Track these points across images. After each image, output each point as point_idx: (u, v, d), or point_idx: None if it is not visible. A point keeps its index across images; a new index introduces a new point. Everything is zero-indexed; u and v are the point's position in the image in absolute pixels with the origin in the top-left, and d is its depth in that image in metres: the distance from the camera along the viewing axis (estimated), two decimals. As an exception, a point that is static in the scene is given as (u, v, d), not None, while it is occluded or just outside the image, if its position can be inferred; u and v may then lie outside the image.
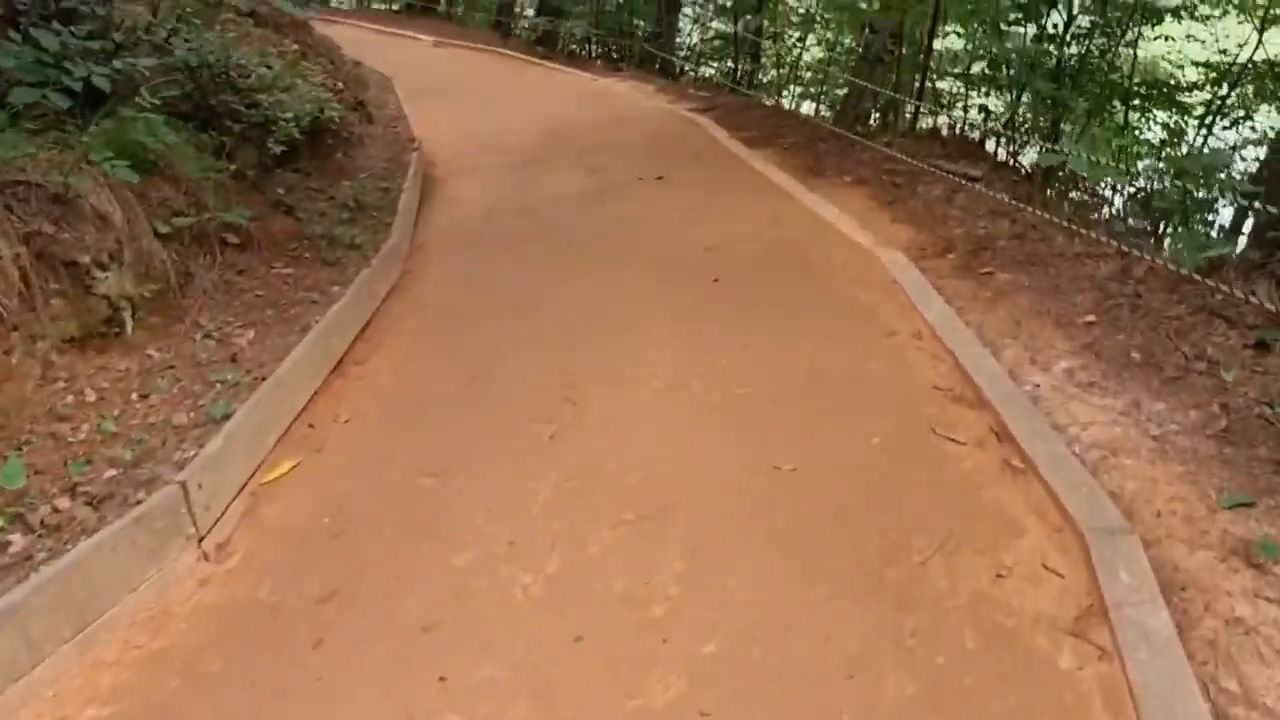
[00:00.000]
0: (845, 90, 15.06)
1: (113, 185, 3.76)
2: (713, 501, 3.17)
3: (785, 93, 14.89)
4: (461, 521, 3.11)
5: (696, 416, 3.76)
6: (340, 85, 8.00)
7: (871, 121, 13.76)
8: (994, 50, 8.13)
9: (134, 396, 3.42)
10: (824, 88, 14.39)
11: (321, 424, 3.81)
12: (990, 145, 10.39)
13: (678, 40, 15.59)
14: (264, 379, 3.67)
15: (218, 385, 3.60)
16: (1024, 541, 2.93)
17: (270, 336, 4.13)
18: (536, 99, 10.96)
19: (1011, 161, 8.60)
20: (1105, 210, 8.77)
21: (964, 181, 7.04)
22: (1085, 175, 5.97)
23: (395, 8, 20.49)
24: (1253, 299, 4.09)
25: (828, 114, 16.10)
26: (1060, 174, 7.80)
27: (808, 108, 15.25)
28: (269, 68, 6.12)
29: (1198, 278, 4.31)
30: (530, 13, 17.96)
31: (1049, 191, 7.68)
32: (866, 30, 13.45)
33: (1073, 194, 8.24)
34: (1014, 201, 5.95)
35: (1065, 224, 5.40)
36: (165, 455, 3.10)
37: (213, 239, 4.55)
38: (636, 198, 6.91)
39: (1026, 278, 4.99)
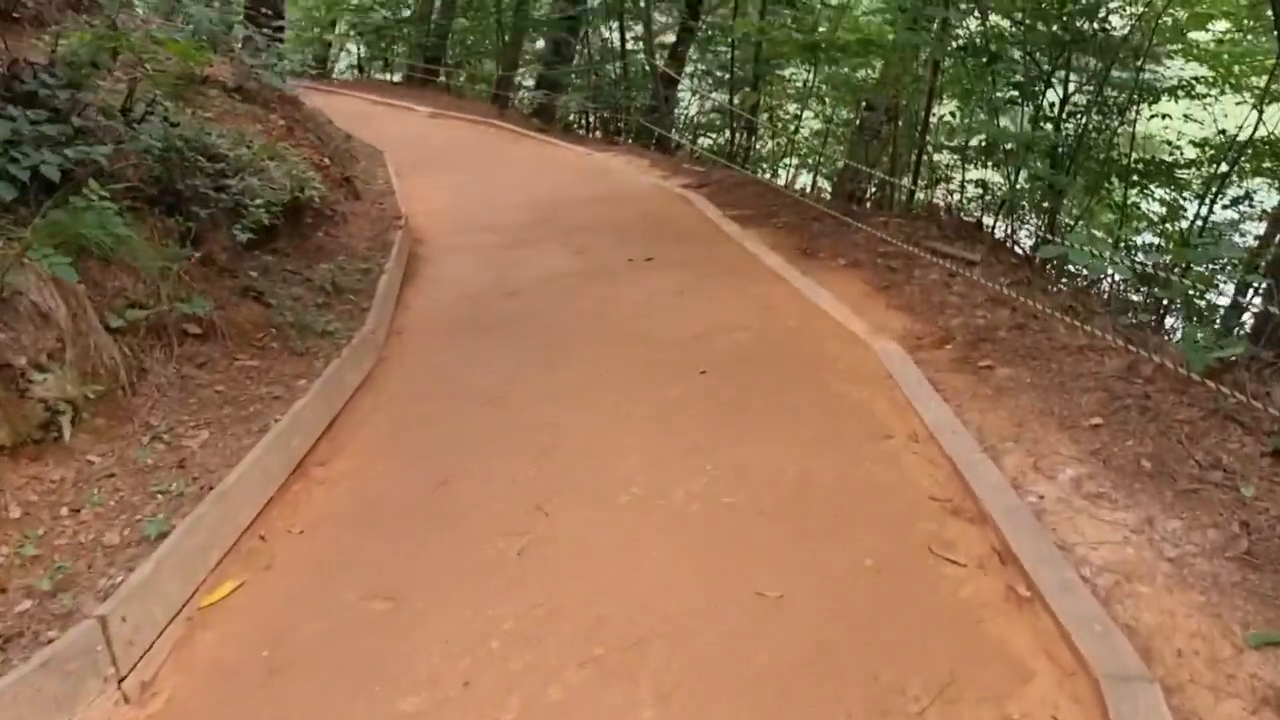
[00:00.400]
0: (842, 164, 15.13)
1: (58, 279, 3.55)
2: (690, 634, 2.89)
3: (783, 164, 14.88)
4: (414, 657, 2.83)
5: (676, 531, 3.49)
6: (327, 161, 7.86)
7: (868, 197, 13.75)
8: (990, 133, 8.00)
9: (64, 511, 3.16)
10: (821, 159, 14.37)
11: (274, 535, 3.54)
12: (989, 220, 10.28)
13: (677, 112, 15.64)
14: (212, 488, 3.41)
15: (159, 497, 3.35)
16: (1033, 688, 2.65)
17: (225, 438, 3.88)
18: (529, 174, 10.87)
19: (1010, 242, 8.44)
20: (1105, 284, 8.61)
21: (961, 267, 6.87)
22: (1086, 267, 5.76)
23: (395, 79, 20.65)
24: (1270, 406, 3.86)
25: (825, 185, 16.17)
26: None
27: (805, 179, 15.26)
28: (248, 147, 5.97)
29: (1209, 383, 4.07)
30: (530, 83, 18.05)
31: (1048, 267, 7.51)
32: (863, 105, 13.48)
33: (1071, 269, 8.06)
34: (1012, 292, 5.75)
35: (1066, 317, 5.19)
36: (89, 582, 2.83)
37: (171, 330, 4.32)
38: (624, 280, 6.71)
39: (1028, 373, 4.76)
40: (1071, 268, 8.17)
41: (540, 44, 19.10)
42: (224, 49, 8.70)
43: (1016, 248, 8.72)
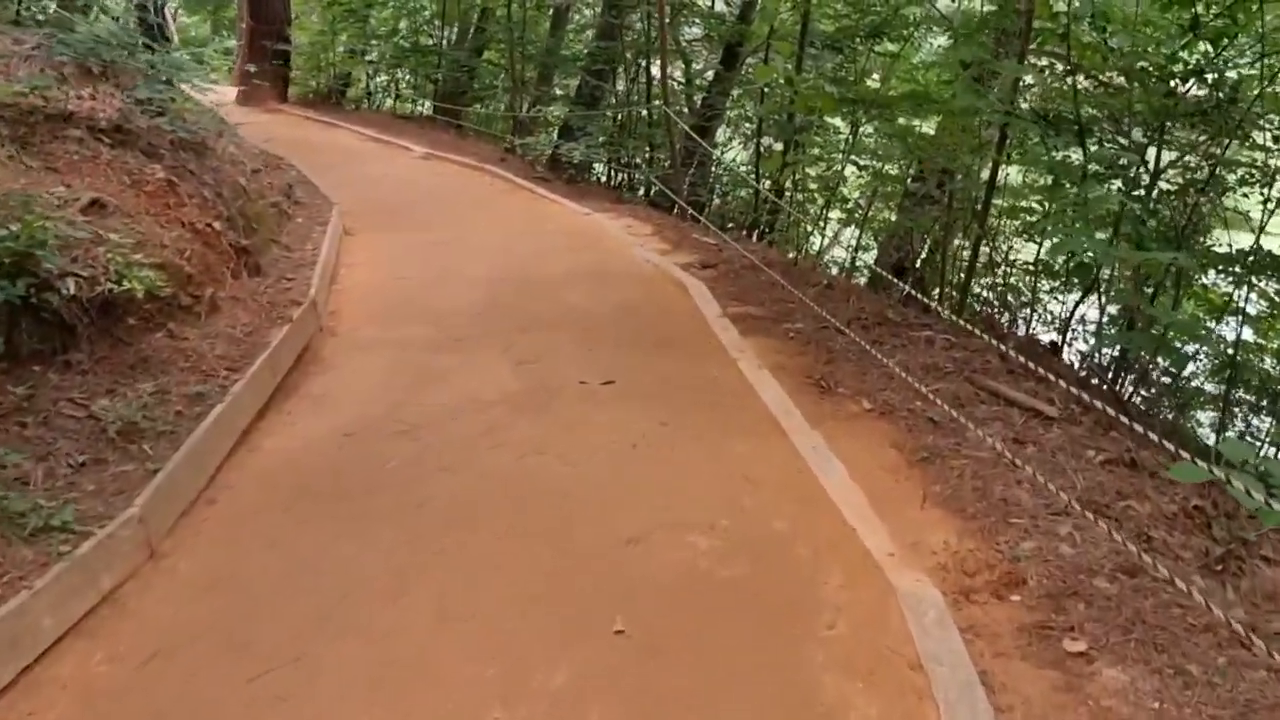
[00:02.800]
0: (887, 233, 13.23)
1: None
2: None
3: (819, 228, 13.03)
4: None
5: None
6: (214, 227, 6.16)
7: (914, 267, 11.84)
8: (1080, 250, 6.10)
9: None
10: (863, 223, 12.50)
11: None
12: (1060, 336, 8.39)
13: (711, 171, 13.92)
14: None
15: None
16: None
17: None
18: (508, 237, 9.12)
19: (1097, 378, 6.52)
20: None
21: (1032, 418, 4.98)
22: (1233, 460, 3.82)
23: (421, 110, 19.09)
24: None
25: (866, 259, 14.27)
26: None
27: (849, 235, 13.35)
28: (19, 221, 4.25)
29: None
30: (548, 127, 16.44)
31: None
32: (913, 169, 11.63)
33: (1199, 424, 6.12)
34: (1120, 488, 3.86)
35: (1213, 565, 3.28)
36: None
37: None
38: (565, 419, 4.90)
39: (1152, 682, 2.85)
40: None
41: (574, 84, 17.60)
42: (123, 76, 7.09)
43: (1107, 385, 6.83)
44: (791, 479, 4.29)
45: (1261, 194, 7.89)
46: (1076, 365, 7.96)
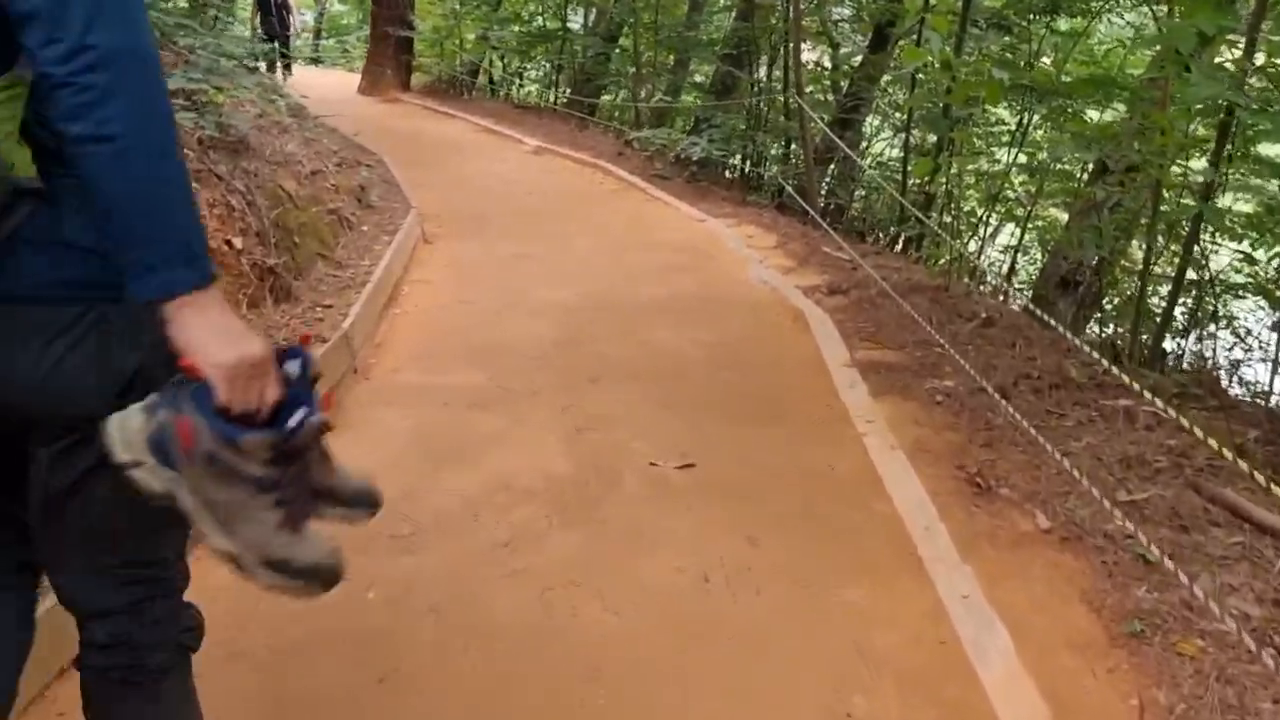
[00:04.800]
0: (1056, 241, 11.35)
1: None
2: None
3: (979, 234, 11.28)
4: None
5: None
6: (231, 242, 5.14)
7: (1085, 283, 10.00)
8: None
9: None
10: (1024, 226, 10.71)
11: None
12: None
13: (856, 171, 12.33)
14: None
15: None
16: None
17: None
18: (604, 248, 7.89)
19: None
20: None
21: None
22: None
23: (548, 100, 18.08)
24: None
25: (1028, 269, 12.41)
26: None
27: (1006, 235, 11.55)
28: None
29: None
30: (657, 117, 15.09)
31: None
32: (1090, 164, 9.79)
33: None
34: None
35: None
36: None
37: None
38: (620, 525, 3.61)
39: None
40: None
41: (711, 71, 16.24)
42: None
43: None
44: (930, 661, 2.87)
45: None
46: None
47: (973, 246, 10.79)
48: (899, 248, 10.40)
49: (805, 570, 3.33)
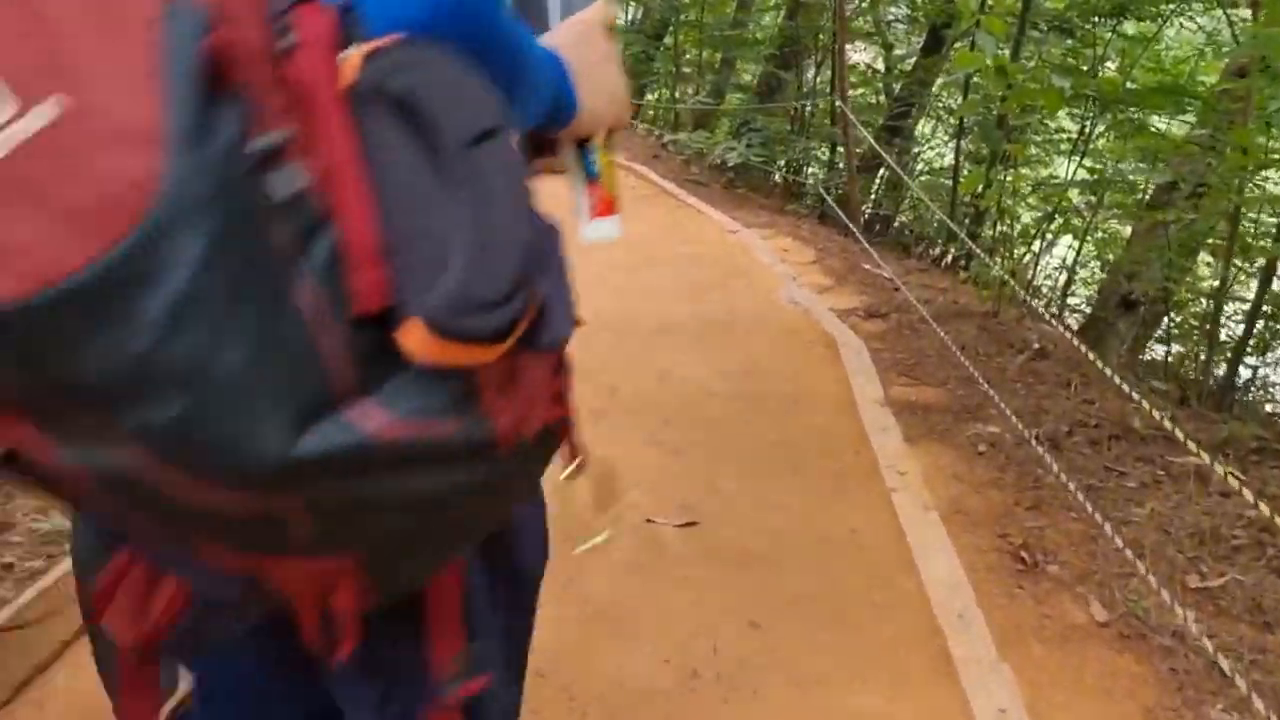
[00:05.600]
0: (1117, 258, 10.63)
1: None
2: None
3: (1034, 248, 10.61)
4: None
5: None
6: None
7: (1143, 301, 9.30)
8: None
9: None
10: (1082, 238, 9.99)
11: None
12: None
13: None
14: None
15: None
16: None
17: None
18: (619, 262, 7.37)
19: None
20: None
21: None
22: None
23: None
24: None
25: (1084, 283, 11.69)
26: None
27: (1063, 249, 10.83)
28: None
29: None
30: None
31: None
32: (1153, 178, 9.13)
33: None
34: None
35: None
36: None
37: None
38: (604, 595, 3.13)
39: None
40: None
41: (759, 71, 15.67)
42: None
43: None
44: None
45: None
46: None
47: (1025, 261, 10.13)
48: (948, 259, 9.81)
49: (813, 667, 2.83)
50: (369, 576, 0.76)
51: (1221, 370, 6.33)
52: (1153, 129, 9.00)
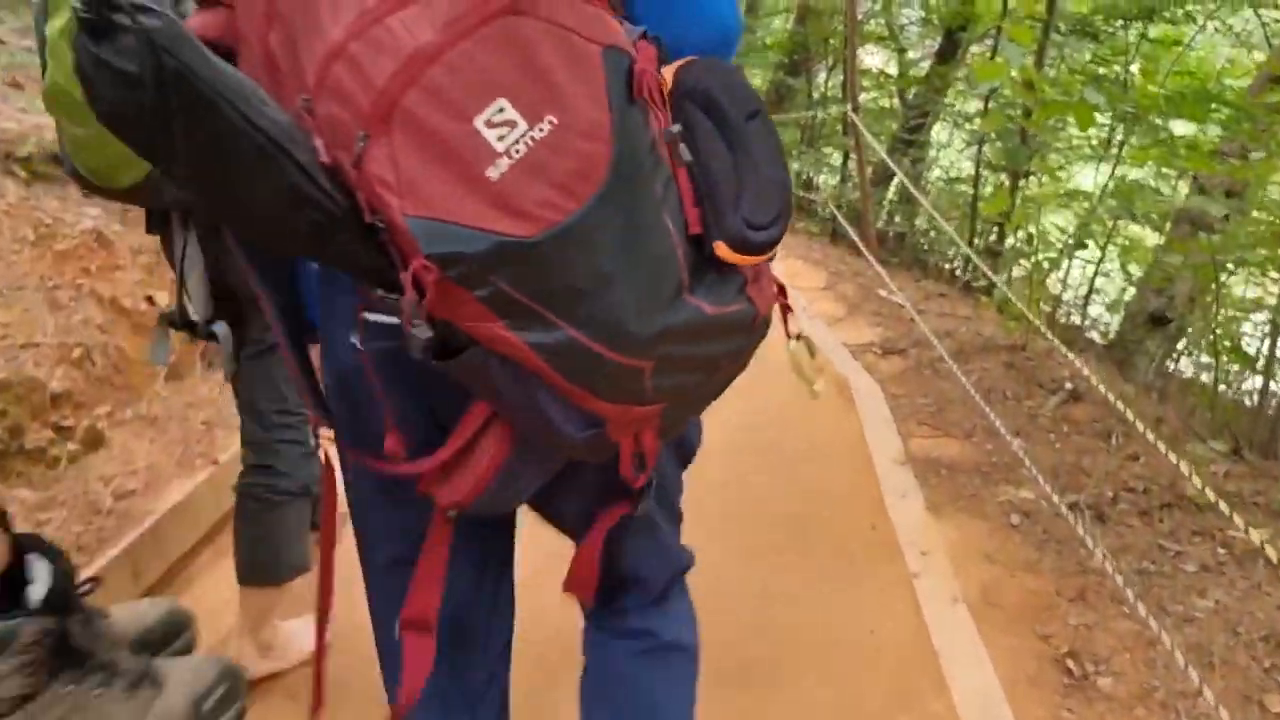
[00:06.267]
0: (1146, 270, 10.08)
1: None
2: None
3: (1063, 270, 10.03)
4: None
5: None
6: (155, 299, 4.30)
7: (1171, 319, 8.75)
8: None
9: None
10: (1104, 248, 9.41)
11: None
12: None
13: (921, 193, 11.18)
14: None
15: None
16: None
17: None
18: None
19: None
20: None
21: None
22: None
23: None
24: None
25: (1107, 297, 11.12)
26: None
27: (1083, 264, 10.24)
28: None
29: None
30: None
31: None
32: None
33: None
34: None
35: None
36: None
37: None
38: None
39: None
40: None
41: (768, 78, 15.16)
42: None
43: None
44: None
45: None
46: None
47: (1052, 279, 9.59)
48: (968, 278, 9.30)
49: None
50: (662, 423, 1.16)
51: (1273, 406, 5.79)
52: (1178, 137, 8.48)
